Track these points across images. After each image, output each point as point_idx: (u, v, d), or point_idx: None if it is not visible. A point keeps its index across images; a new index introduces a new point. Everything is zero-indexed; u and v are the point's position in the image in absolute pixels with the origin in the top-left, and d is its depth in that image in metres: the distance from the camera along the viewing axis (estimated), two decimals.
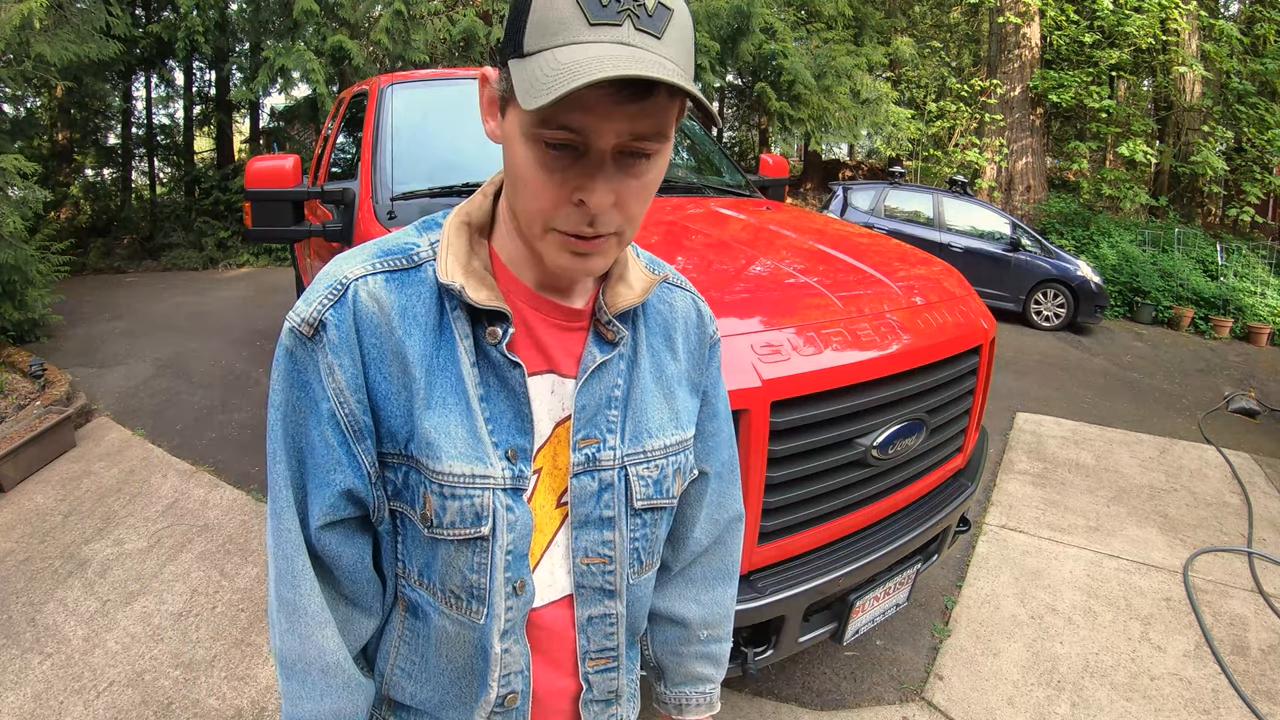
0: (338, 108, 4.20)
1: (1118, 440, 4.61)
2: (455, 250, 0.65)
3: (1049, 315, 8.17)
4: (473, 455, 0.64)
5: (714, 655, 0.91)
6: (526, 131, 0.56)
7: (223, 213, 9.79)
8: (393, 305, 0.62)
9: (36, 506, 3.15)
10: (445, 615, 0.69)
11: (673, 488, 0.75)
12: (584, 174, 0.56)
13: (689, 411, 0.78)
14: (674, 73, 0.51)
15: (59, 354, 5.20)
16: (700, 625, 0.88)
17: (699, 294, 0.82)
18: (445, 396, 0.63)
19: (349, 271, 0.63)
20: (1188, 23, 10.63)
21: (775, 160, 3.36)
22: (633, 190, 0.58)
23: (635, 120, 0.54)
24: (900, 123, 11.41)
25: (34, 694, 2.10)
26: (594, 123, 0.53)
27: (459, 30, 8.57)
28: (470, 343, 0.64)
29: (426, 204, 2.27)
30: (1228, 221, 11.74)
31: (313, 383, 0.62)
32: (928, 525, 1.88)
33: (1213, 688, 2.37)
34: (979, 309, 2.10)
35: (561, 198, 0.57)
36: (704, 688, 0.90)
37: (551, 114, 0.53)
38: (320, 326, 0.61)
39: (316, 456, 0.64)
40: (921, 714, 2.18)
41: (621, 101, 0.52)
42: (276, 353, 0.64)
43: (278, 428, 0.65)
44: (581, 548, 0.71)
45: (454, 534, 0.65)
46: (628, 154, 0.57)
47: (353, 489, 0.64)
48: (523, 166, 0.57)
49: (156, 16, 9.29)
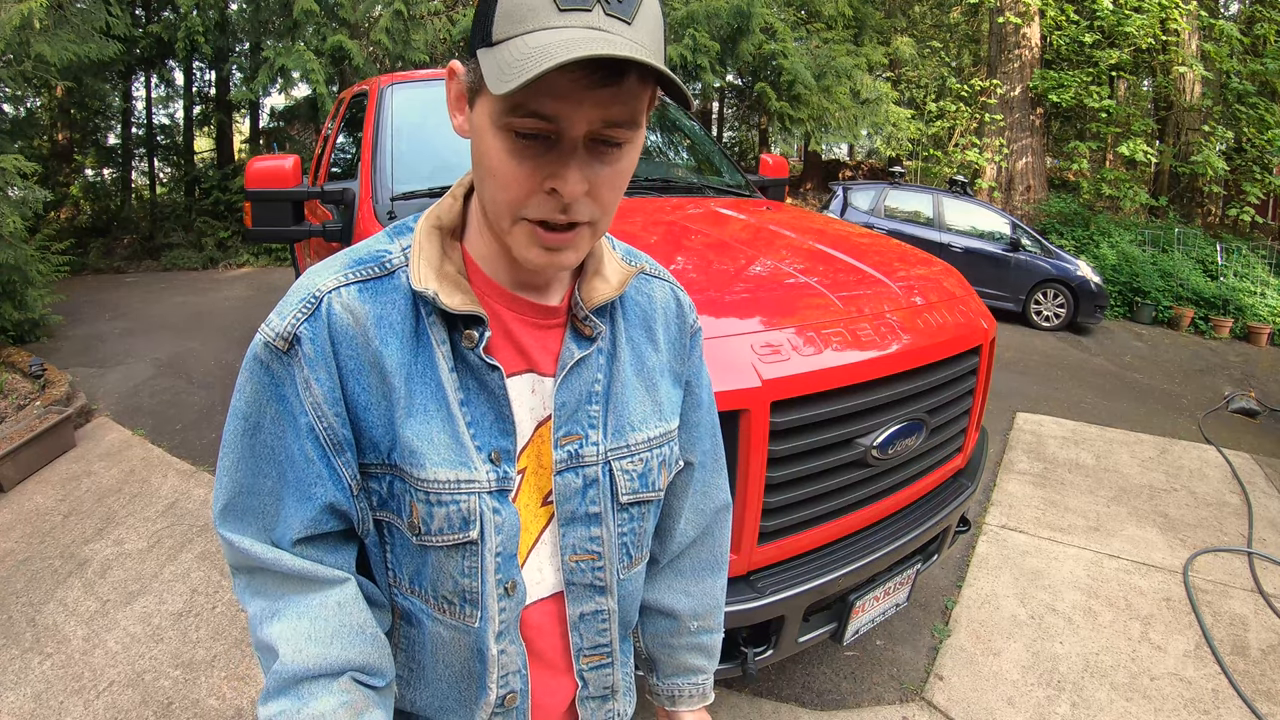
0: (338, 108, 4.20)
1: (1118, 440, 4.61)
2: (427, 255, 0.64)
3: (1049, 315, 8.16)
4: (456, 460, 0.63)
5: (705, 646, 0.91)
6: (497, 121, 0.55)
7: (223, 213, 9.80)
8: (368, 315, 0.62)
9: (36, 506, 3.15)
10: (440, 621, 0.68)
11: (658, 480, 0.75)
12: (556, 161, 0.55)
13: (672, 403, 0.77)
14: (645, 54, 0.51)
15: (59, 354, 5.20)
16: (690, 616, 0.88)
17: (678, 283, 0.82)
18: (426, 403, 0.63)
19: (322, 284, 0.62)
20: (1188, 23, 10.62)
21: (775, 160, 3.36)
22: (605, 178, 0.58)
23: (607, 106, 0.54)
24: (900, 123, 11.41)
25: (34, 694, 2.10)
26: (566, 109, 0.53)
27: (459, 30, 8.58)
28: (447, 348, 0.64)
29: (426, 204, 2.22)
30: (1228, 221, 11.72)
31: (289, 396, 0.61)
32: (928, 525, 1.88)
33: (1213, 688, 2.37)
34: (979, 309, 2.10)
35: (532, 186, 0.56)
36: (697, 679, 0.90)
37: (522, 100, 0.52)
38: (295, 340, 0.60)
39: (296, 470, 0.63)
40: (921, 714, 2.18)
41: (593, 86, 0.52)
42: (246, 362, 0.63)
43: (241, 440, 0.63)
44: (569, 545, 0.71)
45: (443, 540, 0.64)
46: (600, 142, 0.56)
47: (335, 503, 0.63)
48: (493, 157, 0.57)
49: (156, 16, 9.30)
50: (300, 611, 0.63)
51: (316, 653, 0.61)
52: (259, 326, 0.63)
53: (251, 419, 0.63)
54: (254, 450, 0.63)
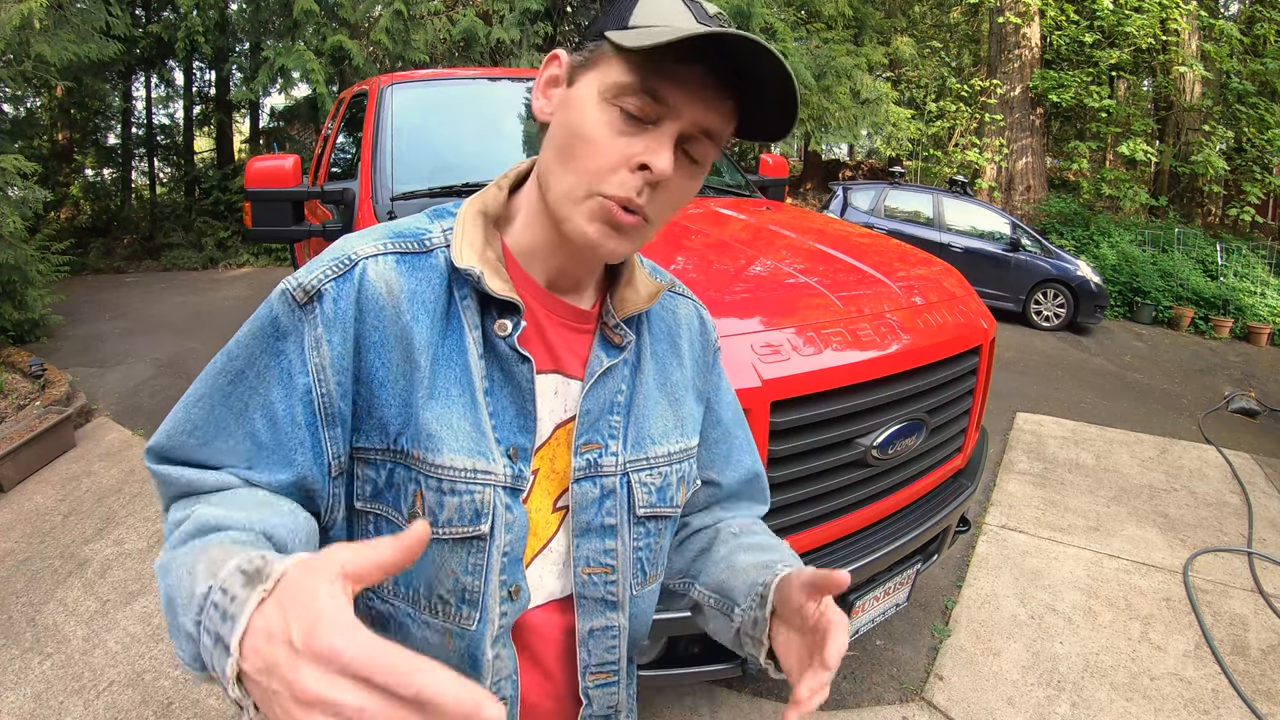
0: (338, 108, 4.20)
1: (1118, 440, 4.61)
2: (470, 238, 0.63)
3: (1049, 315, 8.16)
4: (475, 450, 0.61)
5: (761, 544, 0.76)
6: (606, 95, 0.57)
7: (223, 213, 9.80)
8: (402, 288, 0.60)
9: (36, 506, 3.15)
10: (428, 625, 0.64)
11: (676, 496, 0.74)
12: (654, 140, 0.57)
13: (694, 419, 0.76)
14: (775, 51, 0.54)
15: (59, 354, 5.20)
16: (730, 525, 0.81)
17: (700, 302, 0.82)
18: (449, 387, 0.61)
19: (360, 248, 0.61)
20: (1188, 23, 10.62)
21: (775, 160, 3.36)
22: (678, 186, 0.60)
23: (710, 111, 0.57)
24: (900, 123, 11.40)
25: (34, 694, 2.10)
26: (681, 99, 0.56)
27: (459, 30, 8.57)
28: (479, 333, 0.62)
29: (426, 204, 2.24)
30: (1228, 221, 11.72)
31: (288, 352, 0.58)
32: (927, 525, 1.88)
33: (1213, 688, 2.37)
34: (979, 309, 2.10)
35: (623, 160, 0.57)
36: (775, 567, 0.69)
37: (643, 79, 0.55)
38: (317, 296, 0.58)
39: (279, 432, 0.58)
40: (921, 714, 2.18)
41: (711, 88, 0.56)
42: (258, 310, 0.60)
43: (215, 379, 0.59)
44: (583, 556, 0.68)
45: (450, 532, 0.61)
46: (684, 152, 0.59)
47: (307, 477, 0.59)
48: (590, 127, 0.58)
49: (156, 16, 9.30)
50: (222, 498, 0.56)
51: (224, 514, 0.53)
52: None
53: (237, 363, 0.59)
54: (226, 398, 0.59)
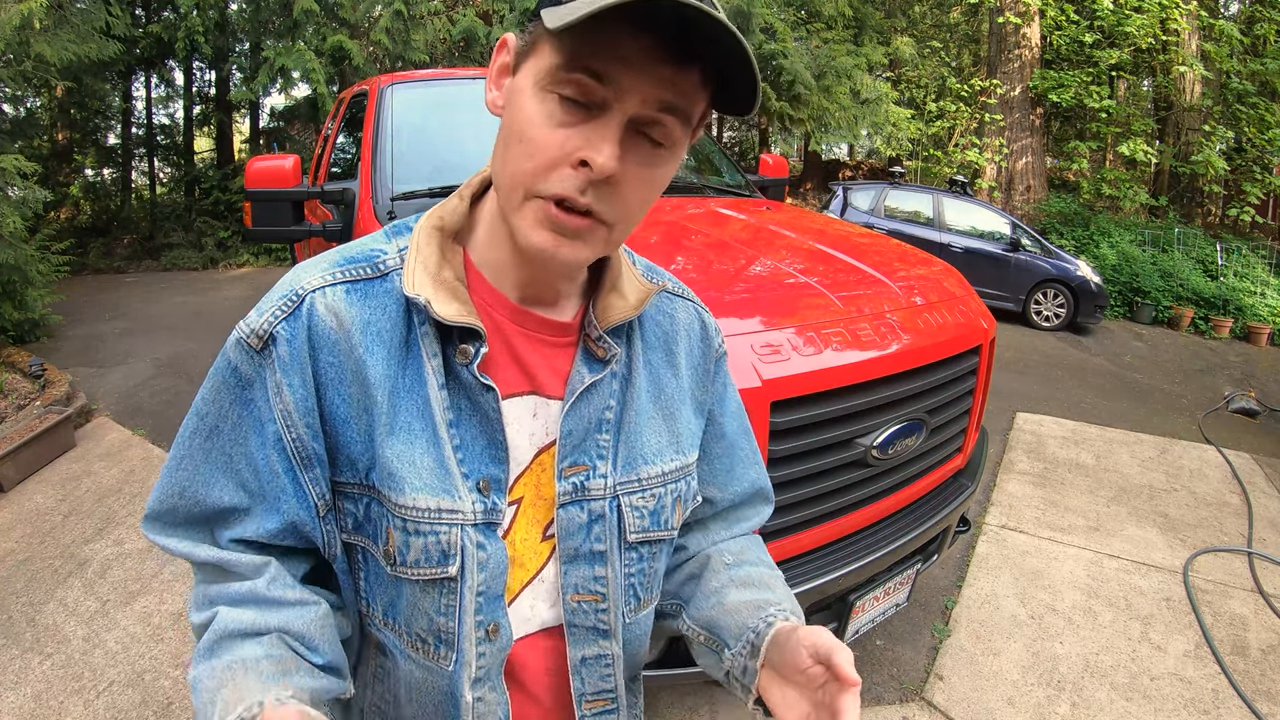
0: (338, 108, 4.20)
1: (1118, 440, 4.61)
2: (424, 258, 0.58)
3: (1049, 315, 8.16)
4: (439, 488, 0.57)
5: (752, 579, 0.72)
6: (541, 82, 0.51)
7: (223, 213, 9.80)
8: (353, 320, 0.56)
9: (36, 506, 3.15)
10: (412, 660, 0.62)
11: (671, 518, 0.68)
12: (594, 132, 0.50)
13: (692, 434, 0.71)
14: (724, 19, 0.47)
15: (59, 354, 5.20)
16: (722, 554, 0.76)
17: (703, 304, 0.76)
18: (410, 422, 0.57)
19: (306, 281, 0.57)
20: (1188, 23, 10.62)
21: (775, 160, 3.36)
22: (637, 177, 0.53)
23: (665, 85, 0.49)
24: (900, 123, 11.40)
25: (34, 694, 2.10)
26: (624, 75, 0.49)
27: (459, 30, 8.57)
28: (439, 362, 0.58)
29: (426, 204, 2.23)
30: (1228, 221, 11.72)
31: (256, 400, 0.57)
32: (927, 525, 1.88)
33: (1213, 688, 2.37)
34: (979, 309, 2.10)
35: (561, 156, 0.51)
36: (766, 610, 0.66)
37: (577, 53, 0.48)
38: (270, 340, 0.55)
39: (261, 479, 0.58)
40: (921, 714, 2.18)
41: (660, 61, 0.48)
42: (216, 363, 0.58)
43: (192, 440, 0.59)
44: (572, 584, 0.64)
45: (418, 574, 0.58)
46: (644, 134, 0.52)
47: (297, 522, 0.58)
48: (525, 122, 0.52)
49: (156, 16, 9.30)
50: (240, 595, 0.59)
51: (251, 618, 0.56)
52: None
53: (209, 420, 0.58)
54: (207, 455, 0.58)
